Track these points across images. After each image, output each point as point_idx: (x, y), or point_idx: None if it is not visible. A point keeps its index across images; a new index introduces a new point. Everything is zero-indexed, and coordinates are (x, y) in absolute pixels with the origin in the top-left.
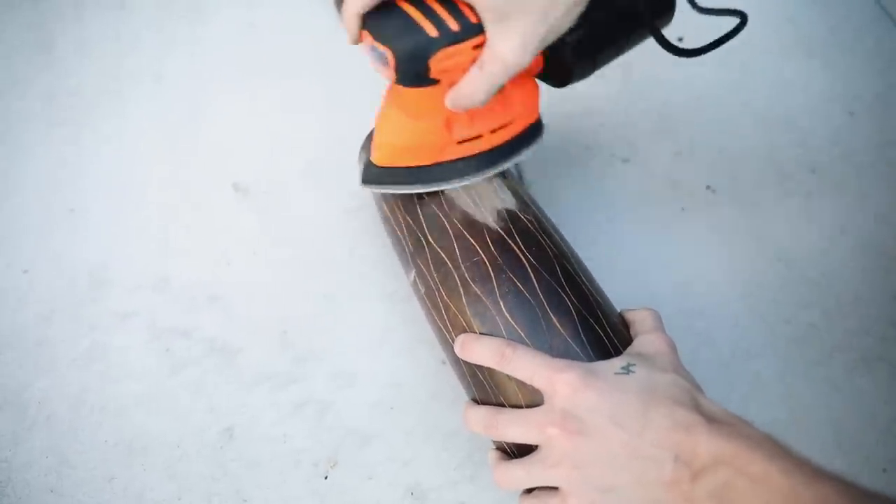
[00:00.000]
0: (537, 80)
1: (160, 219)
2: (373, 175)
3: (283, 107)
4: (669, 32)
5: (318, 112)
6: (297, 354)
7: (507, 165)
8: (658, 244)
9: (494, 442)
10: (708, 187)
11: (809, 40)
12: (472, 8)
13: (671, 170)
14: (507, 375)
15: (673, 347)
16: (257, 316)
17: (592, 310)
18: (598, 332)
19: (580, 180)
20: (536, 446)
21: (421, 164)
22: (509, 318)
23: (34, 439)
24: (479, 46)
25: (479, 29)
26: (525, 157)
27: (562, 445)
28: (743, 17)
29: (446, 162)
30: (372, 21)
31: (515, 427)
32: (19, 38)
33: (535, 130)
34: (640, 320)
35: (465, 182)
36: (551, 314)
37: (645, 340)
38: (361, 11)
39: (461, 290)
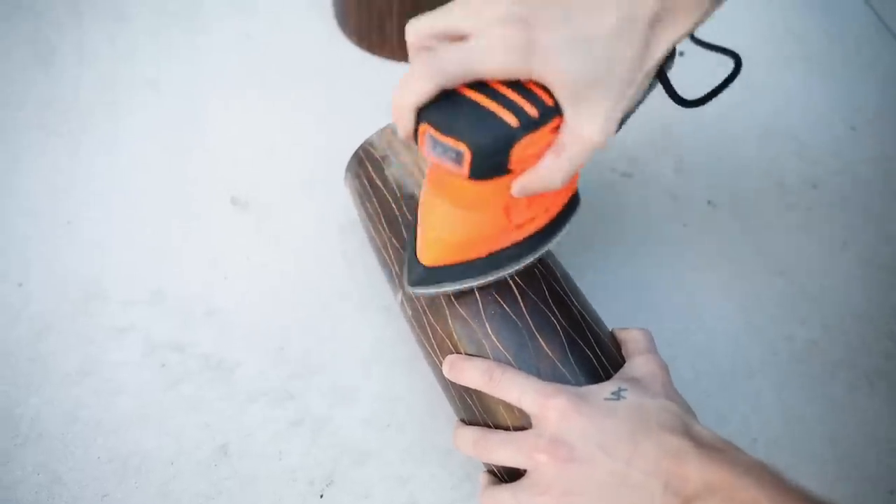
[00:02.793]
0: None
1: (157, 231)
2: (426, 277)
3: (283, 118)
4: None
5: (317, 123)
6: (293, 370)
7: (555, 242)
8: (659, 259)
9: (485, 465)
10: (709, 202)
11: (810, 53)
12: (544, 89)
13: (672, 184)
14: (496, 398)
15: (665, 370)
16: (254, 330)
17: (582, 331)
18: (588, 354)
19: (580, 194)
20: (525, 471)
21: (481, 255)
22: (496, 341)
23: (25, 456)
24: (556, 129)
25: (557, 111)
26: (567, 230)
27: (550, 472)
28: (738, 62)
29: (502, 250)
30: (436, 114)
31: (504, 450)
32: (18, 49)
33: (574, 201)
34: (631, 340)
35: (522, 265)
36: (538, 336)
37: (637, 363)
38: (419, 103)
39: (447, 312)
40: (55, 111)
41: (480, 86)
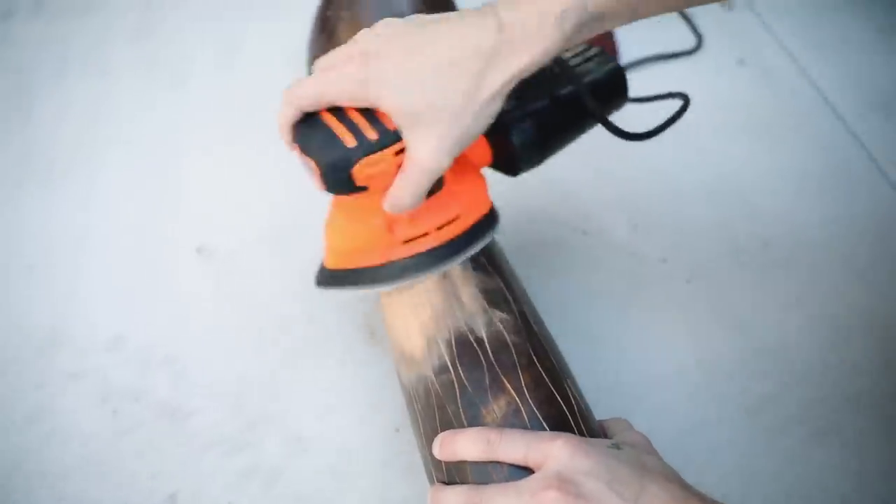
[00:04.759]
0: (491, 169)
1: (121, 279)
2: (325, 278)
3: (255, 172)
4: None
5: (288, 179)
6: (249, 419)
7: (458, 261)
8: (615, 315)
9: None
10: (664, 260)
11: (757, 123)
12: (389, 116)
13: (628, 242)
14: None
15: (650, 442)
16: (212, 379)
17: (573, 411)
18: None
19: (537, 252)
20: None
21: (371, 264)
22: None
23: None
24: (401, 152)
25: (397, 136)
26: (476, 249)
27: None
28: (685, 99)
29: (396, 261)
30: (299, 134)
31: (505, 498)
32: None
33: (487, 222)
34: (613, 425)
35: (416, 279)
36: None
37: (623, 435)
38: (286, 124)
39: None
40: (30, 163)
41: (337, 111)
